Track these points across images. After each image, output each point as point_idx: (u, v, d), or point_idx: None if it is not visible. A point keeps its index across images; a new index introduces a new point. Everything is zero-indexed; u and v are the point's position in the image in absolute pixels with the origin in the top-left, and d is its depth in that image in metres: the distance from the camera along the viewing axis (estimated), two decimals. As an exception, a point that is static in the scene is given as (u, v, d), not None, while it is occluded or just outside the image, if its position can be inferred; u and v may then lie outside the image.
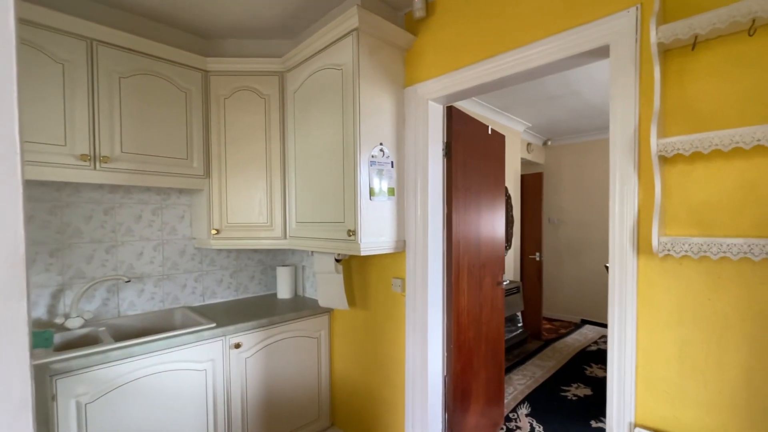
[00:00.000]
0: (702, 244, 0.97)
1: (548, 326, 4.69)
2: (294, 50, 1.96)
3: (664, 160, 1.10)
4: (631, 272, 1.17)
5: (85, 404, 1.49)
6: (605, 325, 4.63)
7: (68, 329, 1.79)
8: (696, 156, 1.04)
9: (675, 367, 1.10)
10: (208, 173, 2.08)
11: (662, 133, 1.10)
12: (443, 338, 1.90)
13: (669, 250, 1.02)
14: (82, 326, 1.83)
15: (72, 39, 1.65)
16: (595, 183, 4.78)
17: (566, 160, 5.04)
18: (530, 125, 4.37)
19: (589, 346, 3.91)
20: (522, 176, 4.42)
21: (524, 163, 4.88)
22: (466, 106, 3.44)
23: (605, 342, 4.03)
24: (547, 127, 4.54)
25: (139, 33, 1.89)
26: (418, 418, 1.83)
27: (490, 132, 2.29)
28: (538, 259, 4.22)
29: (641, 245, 1.16)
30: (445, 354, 1.91)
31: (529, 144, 4.73)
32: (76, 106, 1.66)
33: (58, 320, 1.82)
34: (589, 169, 4.83)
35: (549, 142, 5.08)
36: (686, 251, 0.99)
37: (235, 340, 1.90)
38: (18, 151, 0.41)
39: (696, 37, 1.04)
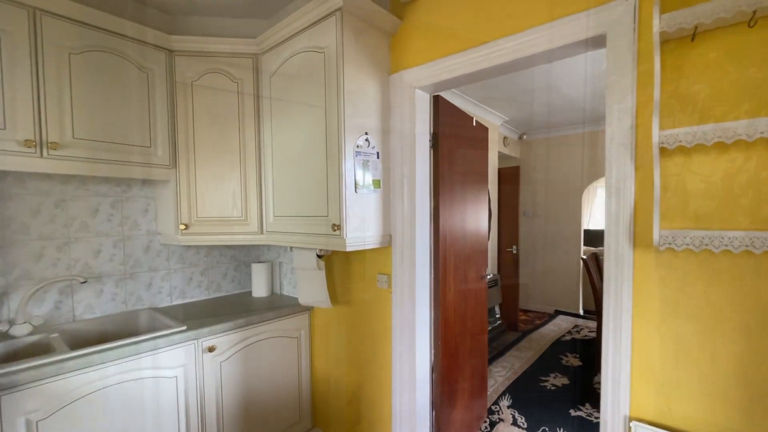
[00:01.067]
0: (704, 237, 0.95)
1: (524, 317, 4.79)
2: (270, 30, 1.82)
3: (662, 152, 1.08)
4: (627, 265, 1.15)
5: (37, 422, 1.32)
6: (578, 315, 4.79)
7: (14, 337, 1.59)
8: (696, 148, 1.03)
9: (670, 360, 1.10)
10: (174, 163, 1.91)
11: (660, 125, 1.08)
12: (430, 334, 1.85)
13: (670, 244, 1.01)
14: (31, 333, 1.63)
15: (9, 6, 1.43)
16: (568, 177, 4.90)
17: (541, 154, 5.14)
18: (507, 119, 4.39)
19: (564, 335, 4.03)
20: (499, 170, 4.45)
21: (501, 156, 4.92)
22: (443, 96, 3.39)
23: (578, 332, 4.16)
24: (523, 121, 4.59)
25: (90, 3, 1.68)
26: (405, 417, 1.78)
27: (474, 124, 2.25)
28: (514, 252, 4.28)
29: (638, 238, 1.14)
30: (432, 350, 1.87)
31: (505, 138, 4.77)
32: (18, 85, 1.45)
33: (2, 327, 1.61)
34: (563, 163, 4.94)
35: (524, 136, 5.14)
36: (688, 244, 0.98)
37: (208, 343, 1.76)
38: None
39: (696, 27, 1.02)
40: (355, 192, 1.61)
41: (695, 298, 1.06)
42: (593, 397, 2.69)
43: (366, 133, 1.66)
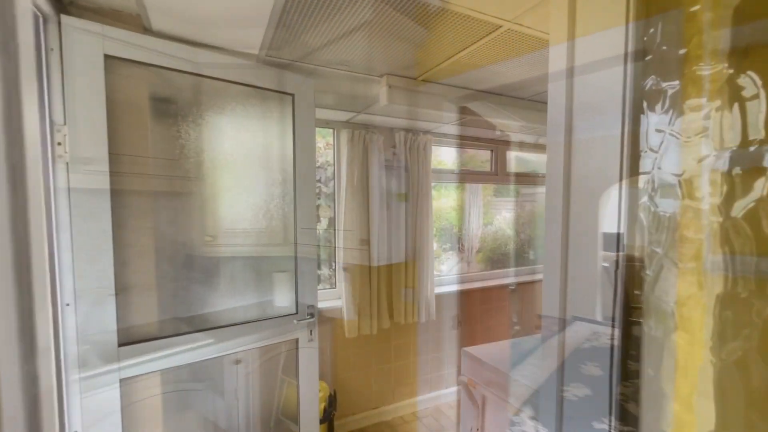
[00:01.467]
0: (760, 263, 0.91)
1: (540, 324, 4.73)
2: (297, 42, 1.81)
3: (712, 173, 1.04)
4: (671, 288, 1.11)
5: (71, 437, 1.34)
6: (596, 322, 4.71)
7: (46, 350, 1.61)
8: (751, 171, 0.99)
9: (722, 395, 1.06)
10: (200, 174, 1.92)
11: (710, 146, 1.04)
12: (458, 347, 1.83)
13: (722, 269, 0.97)
14: (62, 346, 1.65)
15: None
16: (586, 180, 4.82)
17: (556, 158, 5.06)
18: (523, 122, 4.34)
19: (583, 343, 3.97)
20: (516, 173, 4.40)
21: (518, 160, 4.87)
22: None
23: (597, 339, 4.10)
24: (538, 125, 4.53)
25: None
26: (432, 427, 1.76)
27: (498, 133, 2.22)
28: (532, 257, 4.23)
29: (681, 260, 1.10)
30: (458, 363, 1.84)
31: (521, 141, 4.71)
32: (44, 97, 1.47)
33: (34, 340, 1.63)
34: (581, 167, 4.86)
35: (540, 140, 5.08)
36: (744, 271, 0.94)
37: (234, 355, 1.77)
38: None
39: (749, 44, 0.97)
40: (383, 206, 1.60)
41: (754, 329, 1.02)
42: (618, 410, 2.63)
43: (393, 147, 1.64)
